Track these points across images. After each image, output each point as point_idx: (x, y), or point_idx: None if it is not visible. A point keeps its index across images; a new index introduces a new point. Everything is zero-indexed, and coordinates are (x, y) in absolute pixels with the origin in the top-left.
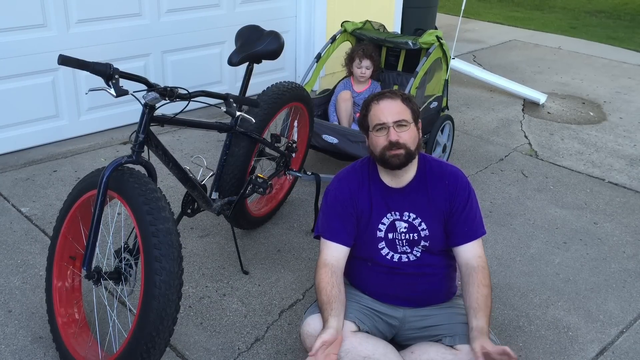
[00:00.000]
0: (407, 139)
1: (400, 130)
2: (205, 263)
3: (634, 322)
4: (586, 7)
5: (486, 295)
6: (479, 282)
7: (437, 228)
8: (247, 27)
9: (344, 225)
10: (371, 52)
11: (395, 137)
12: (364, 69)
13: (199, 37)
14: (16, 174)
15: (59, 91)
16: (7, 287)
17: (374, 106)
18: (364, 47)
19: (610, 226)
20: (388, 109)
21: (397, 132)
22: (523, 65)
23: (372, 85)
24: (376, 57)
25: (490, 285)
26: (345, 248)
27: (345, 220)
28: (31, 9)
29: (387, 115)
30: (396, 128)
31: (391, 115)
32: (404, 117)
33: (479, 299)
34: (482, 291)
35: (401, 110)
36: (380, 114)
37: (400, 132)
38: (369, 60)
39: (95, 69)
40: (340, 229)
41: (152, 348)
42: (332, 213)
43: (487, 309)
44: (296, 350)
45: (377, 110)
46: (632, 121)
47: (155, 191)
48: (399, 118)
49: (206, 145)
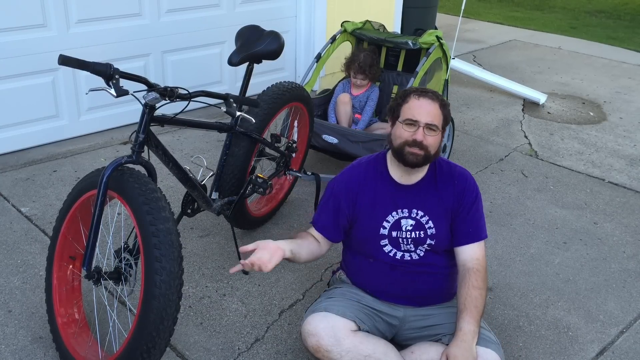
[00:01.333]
0: (431, 142)
1: (428, 133)
2: (205, 263)
3: (634, 322)
4: (586, 7)
5: (476, 297)
6: (471, 284)
7: (444, 227)
8: (247, 27)
9: (335, 221)
10: (366, 67)
11: (421, 137)
12: (359, 80)
13: (199, 37)
14: (16, 174)
15: (59, 91)
16: (7, 287)
17: (413, 100)
18: (360, 62)
19: (610, 226)
20: (425, 109)
21: (425, 134)
22: (523, 65)
23: (369, 90)
24: (371, 70)
25: (483, 288)
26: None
27: (337, 216)
28: (31, 9)
29: (422, 114)
30: (426, 130)
31: (426, 116)
32: (437, 122)
33: (466, 300)
34: (471, 293)
35: (437, 115)
36: (416, 111)
37: (428, 135)
38: (362, 75)
39: (95, 69)
40: (331, 224)
41: (153, 348)
42: (326, 207)
43: (475, 310)
44: (296, 350)
45: (415, 105)
46: (632, 121)
47: (155, 191)
48: (432, 122)
49: (206, 145)
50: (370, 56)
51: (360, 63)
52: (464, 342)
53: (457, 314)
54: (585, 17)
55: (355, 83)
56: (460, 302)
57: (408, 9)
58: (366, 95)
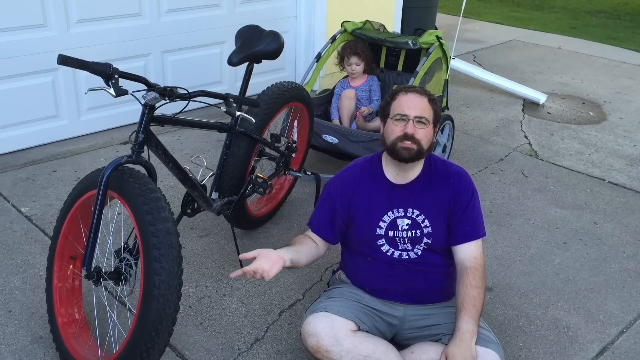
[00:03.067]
0: (422, 136)
1: (419, 126)
2: (205, 263)
3: (634, 322)
4: (586, 7)
5: (474, 297)
6: (468, 283)
7: (440, 226)
8: (247, 27)
9: (331, 222)
10: (357, 48)
11: (412, 130)
12: (354, 66)
13: (199, 37)
14: (16, 174)
15: (59, 91)
16: (7, 287)
17: (401, 95)
18: (350, 45)
19: (610, 226)
20: (413, 102)
21: (415, 127)
22: (523, 65)
23: (369, 79)
24: (364, 52)
25: (482, 287)
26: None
27: (333, 217)
28: (31, 9)
29: (411, 108)
30: (416, 123)
31: (415, 110)
32: (426, 115)
33: (464, 300)
34: (469, 292)
35: (425, 108)
36: (404, 105)
37: (419, 128)
38: (356, 57)
39: (95, 69)
40: (327, 225)
41: (152, 348)
42: (322, 208)
43: (473, 310)
44: (296, 350)
45: (403, 100)
46: (632, 121)
47: (155, 191)
48: (421, 114)
49: (206, 145)
50: (359, 41)
51: (350, 46)
52: (462, 341)
53: (456, 313)
54: (585, 17)
55: (351, 73)
56: (459, 301)
57: (408, 9)
58: (367, 85)
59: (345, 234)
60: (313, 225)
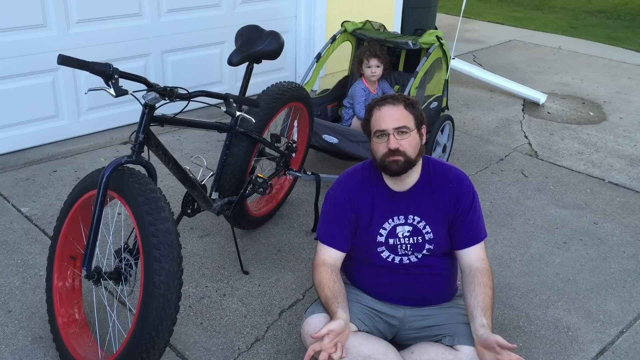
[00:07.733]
0: (407, 146)
1: (400, 137)
2: (205, 263)
3: (634, 322)
4: (586, 7)
5: (491, 297)
6: (485, 283)
7: (442, 231)
8: (247, 27)
9: (342, 231)
10: (377, 51)
11: (395, 144)
12: (374, 68)
13: (199, 37)
14: (16, 174)
15: (59, 91)
16: (7, 287)
17: (376, 112)
18: (370, 47)
19: (610, 226)
20: (389, 116)
21: (397, 139)
22: (523, 65)
23: (381, 85)
24: (384, 55)
25: (493, 288)
26: (342, 253)
27: (343, 226)
28: (31, 9)
29: (387, 122)
30: (396, 135)
31: (392, 122)
32: (405, 123)
33: (485, 300)
34: (488, 292)
35: (402, 117)
36: (381, 121)
37: (401, 139)
38: (377, 59)
39: (95, 69)
40: (338, 234)
41: (152, 348)
42: (331, 218)
43: (492, 310)
44: (296, 350)
45: (378, 117)
46: (632, 121)
47: (155, 191)
48: (400, 125)
49: (206, 145)
50: (378, 44)
51: (370, 49)
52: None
53: (477, 311)
54: (585, 17)
55: (371, 75)
56: (480, 299)
57: (408, 9)
58: (380, 90)
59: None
60: (324, 237)
